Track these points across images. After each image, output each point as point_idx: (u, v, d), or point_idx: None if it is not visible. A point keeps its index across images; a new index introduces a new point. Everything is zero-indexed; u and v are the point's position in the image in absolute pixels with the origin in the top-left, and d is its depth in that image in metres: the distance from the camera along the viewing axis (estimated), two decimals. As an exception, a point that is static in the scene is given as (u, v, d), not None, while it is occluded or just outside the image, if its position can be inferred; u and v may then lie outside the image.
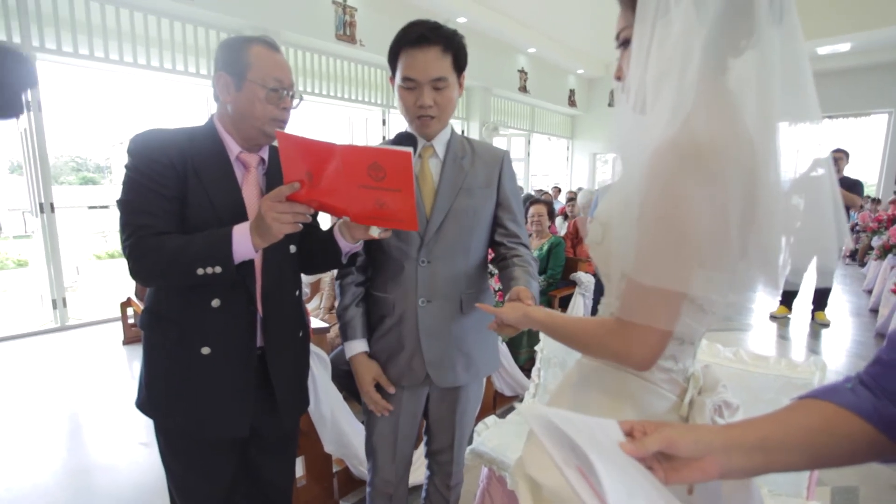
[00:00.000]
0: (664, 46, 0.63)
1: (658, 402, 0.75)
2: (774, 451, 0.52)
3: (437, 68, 1.10)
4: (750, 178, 0.64)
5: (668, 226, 0.63)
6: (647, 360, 0.68)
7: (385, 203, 0.91)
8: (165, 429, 1.12)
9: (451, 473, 1.36)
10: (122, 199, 0.99)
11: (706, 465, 0.50)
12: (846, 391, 0.54)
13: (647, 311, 0.66)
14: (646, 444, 0.50)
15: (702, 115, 0.63)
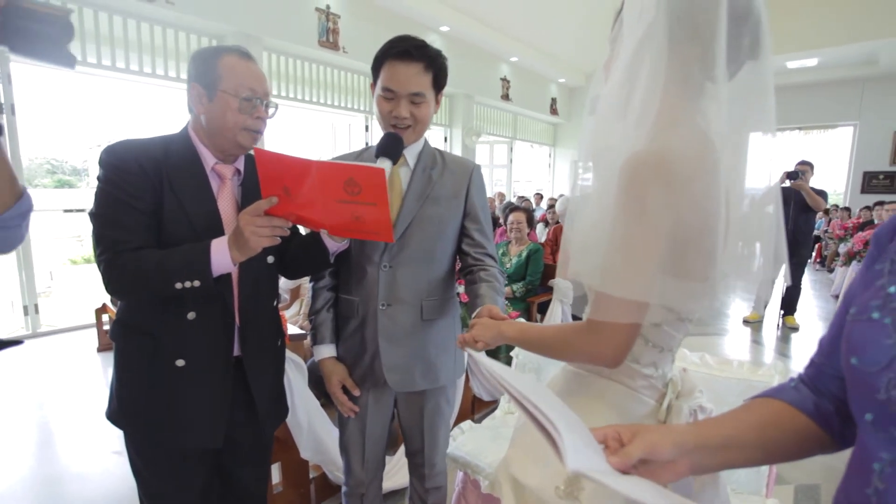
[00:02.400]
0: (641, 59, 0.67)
1: (638, 406, 0.79)
2: (735, 449, 0.56)
3: (417, 84, 1.14)
4: (718, 192, 0.67)
5: (635, 238, 0.67)
6: (617, 358, 0.72)
7: (361, 216, 0.95)
8: (136, 440, 1.11)
9: (425, 476, 1.39)
10: (96, 212, 0.99)
11: (679, 465, 0.54)
12: (790, 389, 0.60)
13: (612, 308, 0.69)
14: (630, 454, 0.52)
15: (674, 132, 0.67)
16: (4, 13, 0.74)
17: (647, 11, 0.66)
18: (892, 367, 0.43)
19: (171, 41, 4.63)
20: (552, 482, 0.74)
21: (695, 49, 0.68)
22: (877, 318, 0.46)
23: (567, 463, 0.46)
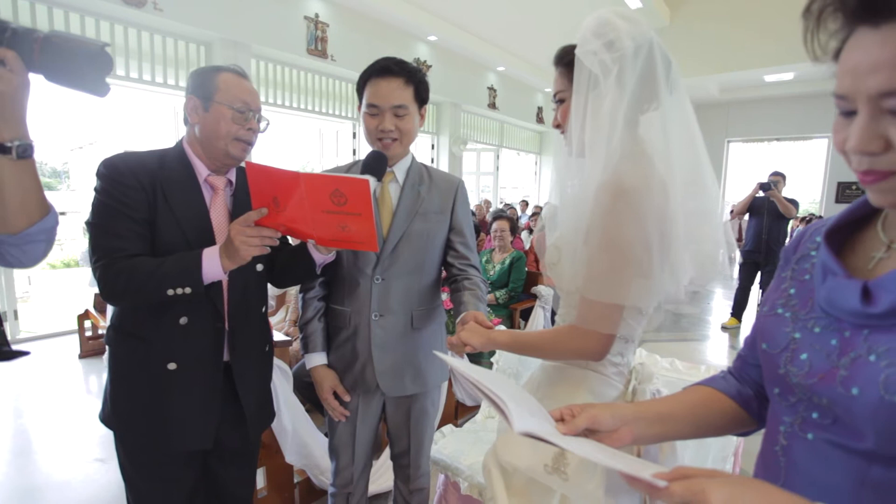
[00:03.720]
0: (597, 112, 0.83)
1: (610, 391, 0.92)
2: (669, 422, 0.67)
3: (399, 97, 1.21)
4: (664, 208, 0.82)
5: (609, 252, 0.81)
6: (601, 353, 0.87)
7: (347, 226, 1.00)
8: (127, 442, 1.15)
9: (410, 477, 1.44)
10: (93, 223, 1.03)
11: (622, 434, 0.63)
12: (720, 379, 0.72)
13: (596, 320, 0.84)
14: (576, 423, 0.63)
15: (627, 162, 0.82)
16: (43, 44, 0.78)
17: (609, 69, 0.82)
18: (788, 348, 0.55)
19: (159, 47, 4.63)
20: (541, 461, 0.83)
21: (644, 91, 0.84)
22: (780, 313, 0.57)
23: (514, 427, 0.56)
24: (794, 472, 0.53)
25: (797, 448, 0.53)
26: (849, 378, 0.47)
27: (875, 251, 0.53)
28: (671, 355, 1.77)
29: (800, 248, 0.61)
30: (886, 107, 0.42)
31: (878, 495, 0.45)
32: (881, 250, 0.52)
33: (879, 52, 0.42)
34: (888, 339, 0.46)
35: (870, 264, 0.53)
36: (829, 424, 0.50)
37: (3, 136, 0.79)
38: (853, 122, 0.45)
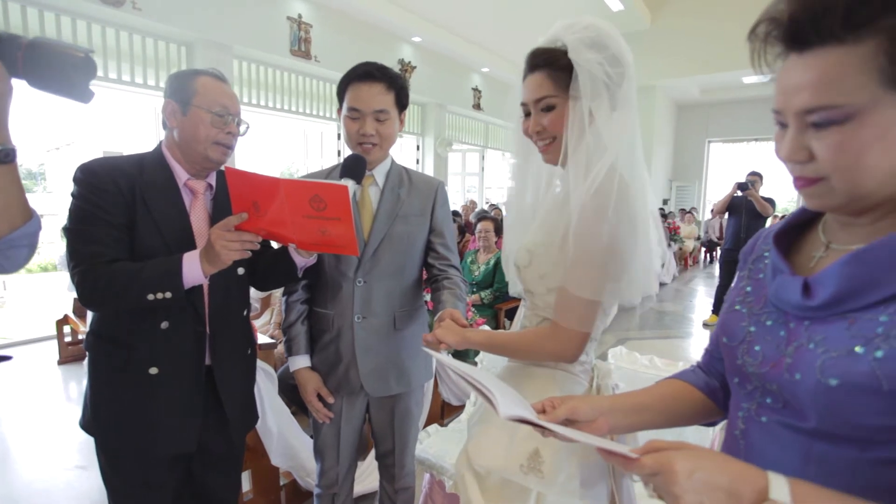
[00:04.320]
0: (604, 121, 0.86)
1: (576, 387, 0.96)
2: (644, 413, 0.73)
3: (380, 101, 1.23)
4: (633, 214, 0.86)
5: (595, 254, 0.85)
6: (576, 355, 0.90)
7: (327, 231, 1.01)
8: (109, 447, 1.14)
9: (395, 476, 1.46)
10: (70, 228, 1.03)
11: (599, 424, 0.68)
12: (690, 372, 0.77)
13: (577, 318, 0.88)
14: (557, 414, 0.67)
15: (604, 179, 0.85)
16: (27, 51, 0.78)
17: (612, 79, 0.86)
18: (744, 340, 0.60)
19: (139, 48, 4.56)
20: (516, 462, 0.85)
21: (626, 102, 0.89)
22: (738, 309, 0.63)
23: (500, 413, 0.61)
24: (751, 453, 0.58)
25: (753, 430, 0.58)
26: (793, 365, 0.52)
27: (816, 251, 0.58)
28: (655, 352, 1.82)
29: (755, 249, 0.66)
30: (809, 121, 0.48)
31: (820, 468, 0.50)
32: (821, 250, 0.58)
33: (803, 75, 0.48)
34: (824, 329, 0.51)
35: (812, 262, 0.58)
36: (780, 408, 0.55)
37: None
38: (786, 134, 0.51)
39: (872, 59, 0.45)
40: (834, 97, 0.47)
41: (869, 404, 0.47)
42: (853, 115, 0.46)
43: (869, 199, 0.50)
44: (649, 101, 10.31)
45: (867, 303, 0.49)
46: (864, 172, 0.48)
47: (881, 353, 0.46)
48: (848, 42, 0.46)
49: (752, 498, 0.46)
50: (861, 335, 0.48)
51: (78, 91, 0.83)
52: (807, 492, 0.46)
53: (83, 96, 0.84)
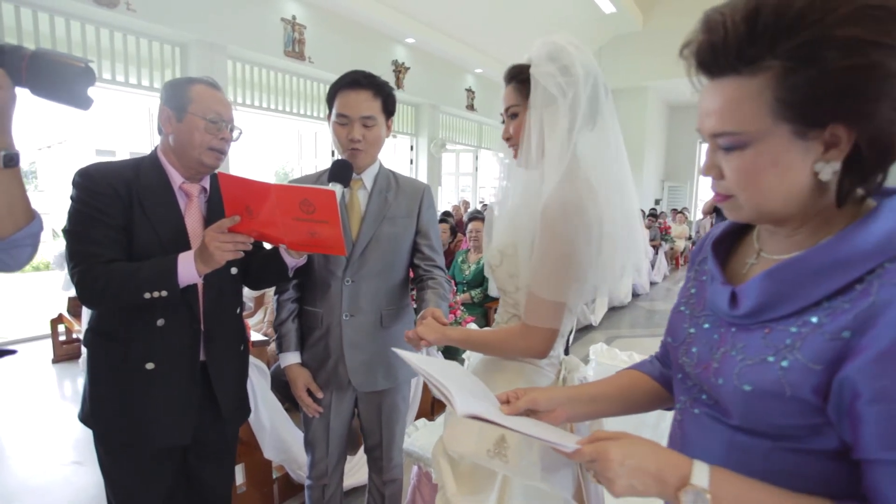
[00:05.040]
0: (552, 129, 0.92)
1: (543, 380, 1.02)
2: (600, 402, 0.78)
3: (368, 108, 1.29)
4: (599, 221, 0.92)
5: (556, 258, 0.91)
6: (546, 351, 0.97)
7: (316, 233, 1.07)
8: (106, 440, 1.19)
9: (383, 469, 1.52)
10: (69, 230, 1.08)
11: (557, 413, 0.73)
12: (647, 363, 0.83)
13: (544, 317, 0.93)
14: (518, 405, 0.72)
15: (571, 179, 0.92)
16: (30, 61, 0.84)
17: (565, 91, 0.91)
18: (685, 342, 0.64)
19: (133, 48, 4.58)
20: (484, 447, 0.91)
21: (590, 113, 0.94)
22: (682, 310, 0.67)
23: (458, 410, 0.63)
24: (686, 440, 0.64)
25: (688, 420, 0.64)
26: (718, 370, 0.57)
27: (749, 257, 0.62)
28: (644, 350, 1.89)
29: (702, 251, 0.70)
30: (718, 143, 0.53)
31: (740, 455, 0.56)
32: (753, 257, 0.61)
33: (712, 101, 0.52)
34: (745, 337, 0.55)
35: (745, 269, 0.61)
36: (712, 404, 0.60)
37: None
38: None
39: (764, 92, 0.48)
40: (734, 124, 0.51)
41: (777, 408, 0.51)
42: (749, 143, 0.50)
43: (775, 216, 0.54)
44: (641, 101, 10.42)
45: (782, 314, 0.52)
46: (763, 195, 0.52)
47: (787, 363, 0.50)
48: (745, 74, 0.49)
49: (675, 482, 0.52)
50: (773, 345, 0.52)
51: (78, 99, 0.89)
52: (724, 478, 0.52)
53: (83, 103, 0.90)
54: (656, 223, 8.48)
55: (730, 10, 0.49)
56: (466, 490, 0.97)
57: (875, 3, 0.44)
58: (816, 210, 0.53)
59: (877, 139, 0.47)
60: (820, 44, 0.45)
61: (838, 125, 0.47)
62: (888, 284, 0.46)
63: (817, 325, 0.50)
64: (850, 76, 0.45)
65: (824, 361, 0.48)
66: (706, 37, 0.51)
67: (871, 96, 0.45)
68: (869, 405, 0.45)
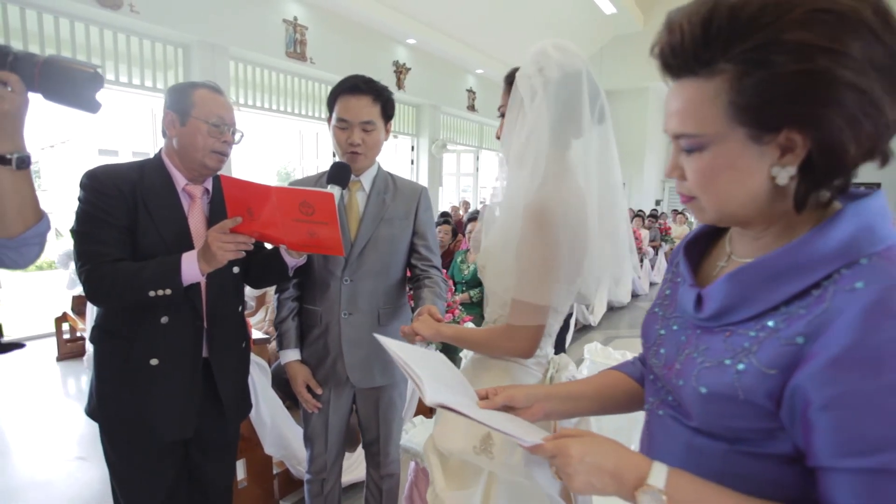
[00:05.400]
0: (521, 130, 0.93)
1: (529, 378, 1.04)
2: (578, 400, 0.78)
3: (367, 113, 1.32)
4: (584, 224, 0.94)
5: (535, 260, 0.92)
6: (530, 351, 0.98)
7: (315, 233, 1.10)
8: (112, 433, 1.23)
9: (381, 464, 1.55)
10: (77, 230, 1.12)
11: (534, 410, 0.73)
12: (630, 364, 0.83)
13: (527, 317, 0.95)
14: (495, 401, 0.73)
15: (552, 182, 0.93)
16: (43, 68, 0.87)
17: (537, 93, 0.92)
18: (655, 343, 0.65)
19: (136, 49, 4.63)
20: (470, 444, 0.94)
21: (569, 117, 0.94)
22: (656, 311, 0.68)
23: (426, 398, 0.65)
24: (651, 442, 0.65)
25: (653, 421, 0.65)
26: (680, 371, 0.57)
27: (720, 260, 0.61)
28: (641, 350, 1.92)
29: (679, 253, 0.67)
30: (680, 145, 0.53)
31: (699, 457, 0.56)
32: (724, 259, 0.61)
33: (674, 102, 0.53)
34: (708, 340, 0.55)
35: (715, 271, 0.61)
36: (676, 405, 0.60)
37: (4, 149, 0.88)
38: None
39: (721, 95, 0.48)
40: (692, 126, 0.51)
41: (731, 411, 0.51)
42: (707, 145, 0.50)
43: (736, 219, 0.54)
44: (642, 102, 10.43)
45: (743, 318, 0.52)
46: (721, 197, 0.52)
47: (742, 367, 0.50)
48: (702, 76, 0.49)
49: (633, 482, 0.53)
50: (731, 348, 0.52)
51: (87, 103, 0.93)
52: (681, 480, 0.52)
53: (92, 107, 0.94)
54: (656, 224, 8.49)
55: (688, 13, 0.49)
56: (454, 485, 1.00)
57: (825, 8, 0.44)
58: (780, 213, 0.53)
59: (827, 147, 0.46)
60: (770, 48, 0.45)
61: (792, 130, 0.47)
62: (841, 291, 0.46)
63: (774, 329, 0.49)
64: (798, 81, 0.44)
65: (778, 367, 0.48)
66: (667, 38, 0.51)
67: (820, 102, 0.45)
68: (819, 413, 0.45)
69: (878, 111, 0.45)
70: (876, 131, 0.46)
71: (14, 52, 0.87)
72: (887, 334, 0.43)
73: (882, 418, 0.43)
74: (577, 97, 0.92)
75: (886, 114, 0.46)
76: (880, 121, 0.46)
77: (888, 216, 0.51)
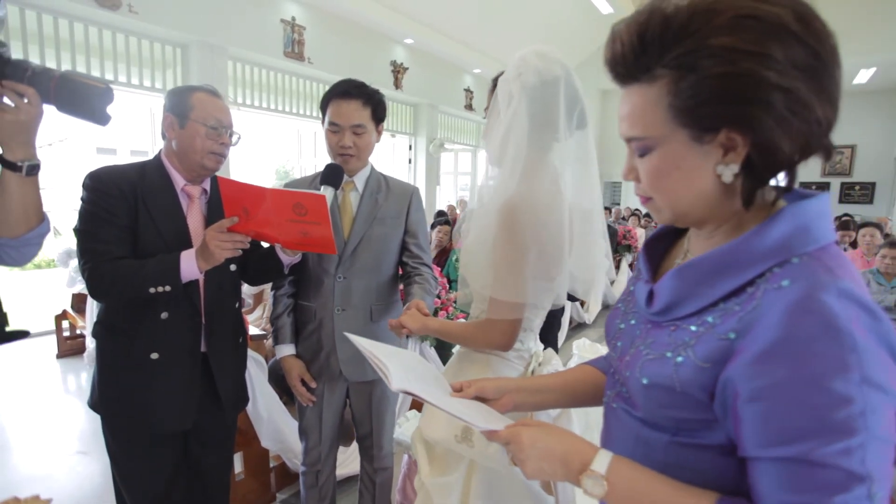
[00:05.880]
0: (497, 132, 0.98)
1: (510, 371, 1.09)
2: (546, 393, 0.81)
3: (358, 117, 1.37)
4: (559, 224, 0.98)
5: (505, 259, 0.96)
6: (507, 345, 1.03)
7: (308, 233, 1.15)
8: (114, 425, 1.27)
9: (374, 457, 1.60)
10: (80, 229, 1.16)
11: (504, 401, 0.76)
12: (602, 359, 0.85)
13: (503, 313, 1.00)
14: (467, 392, 0.76)
15: (526, 183, 0.97)
16: (58, 82, 0.92)
17: (513, 97, 0.96)
18: (615, 336, 0.68)
19: (135, 49, 4.66)
20: (452, 433, 0.99)
21: (545, 121, 0.98)
22: (619, 307, 0.71)
23: (391, 385, 0.68)
24: (607, 433, 0.68)
25: (609, 414, 0.68)
26: (629, 363, 0.60)
27: (679, 257, 0.64)
28: None
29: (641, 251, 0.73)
30: (633, 148, 0.56)
31: (644, 448, 0.59)
32: (682, 257, 0.64)
33: (623, 107, 0.56)
34: (656, 334, 0.58)
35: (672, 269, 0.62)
36: (627, 397, 0.63)
37: (16, 156, 0.93)
38: None
39: (662, 99, 0.51)
40: (639, 130, 0.54)
41: (670, 401, 0.54)
42: (655, 147, 0.53)
43: (691, 218, 0.57)
44: (639, 102, 10.46)
45: (686, 313, 0.55)
46: (671, 196, 0.55)
47: (681, 359, 0.53)
48: (644, 82, 0.52)
49: (578, 467, 0.56)
50: (674, 342, 0.55)
51: (98, 116, 0.97)
52: (622, 467, 0.55)
53: (103, 120, 0.98)
54: (652, 223, 8.55)
55: (627, 24, 0.53)
56: (437, 472, 1.05)
57: (748, 14, 0.46)
58: (730, 212, 0.55)
59: (762, 144, 0.49)
60: (698, 52, 0.48)
61: (731, 130, 0.49)
62: (770, 289, 0.48)
63: (711, 325, 0.52)
64: (726, 83, 0.47)
65: (711, 360, 0.50)
66: (611, 48, 0.55)
67: (748, 102, 0.47)
68: (746, 405, 0.48)
69: (806, 110, 0.48)
70: (808, 129, 0.49)
71: (32, 67, 0.92)
72: (806, 331, 0.45)
73: (800, 410, 0.45)
74: (554, 103, 0.96)
75: (816, 112, 0.48)
76: (811, 118, 0.48)
77: (827, 218, 0.53)
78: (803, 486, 0.45)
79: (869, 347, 0.45)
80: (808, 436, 0.45)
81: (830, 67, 0.49)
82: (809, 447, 0.44)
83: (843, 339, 0.44)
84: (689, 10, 0.48)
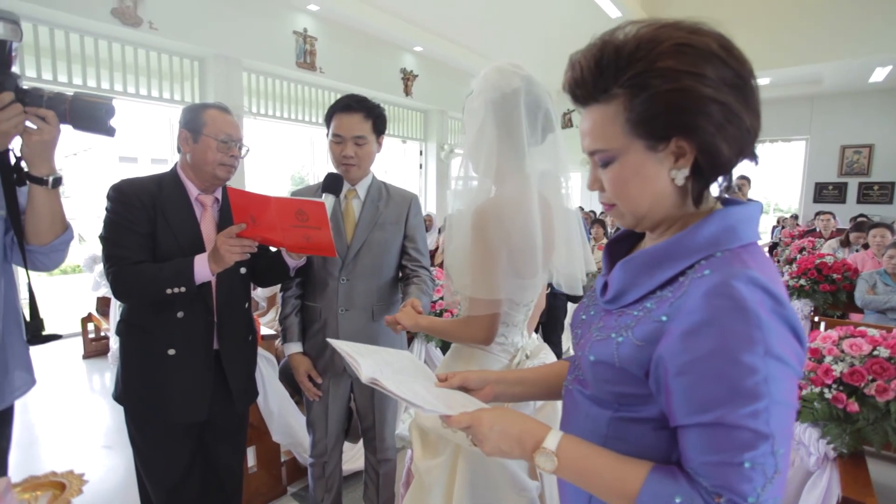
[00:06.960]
0: (469, 144, 1.07)
1: (495, 364, 1.16)
2: (525, 385, 0.87)
3: (359, 129, 1.47)
4: (536, 222, 1.04)
5: (476, 260, 1.04)
6: (488, 339, 1.10)
7: (310, 237, 1.25)
8: (135, 415, 1.39)
9: (377, 449, 1.69)
10: (105, 237, 1.29)
11: (485, 391, 0.83)
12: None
13: (481, 309, 1.08)
14: (451, 382, 0.82)
15: (497, 188, 1.06)
16: (72, 104, 1.05)
17: (478, 113, 1.05)
18: (578, 325, 0.75)
19: (154, 63, 4.87)
20: (440, 420, 1.06)
21: (511, 131, 1.05)
22: (584, 300, 0.78)
23: (362, 376, 0.73)
24: (565, 415, 0.75)
25: (566, 396, 0.75)
26: (581, 344, 0.68)
27: None
28: None
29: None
30: (596, 160, 0.63)
31: (592, 424, 0.66)
32: None
33: (585, 125, 0.63)
34: (607, 319, 0.65)
35: None
36: (582, 379, 0.70)
37: (42, 172, 1.06)
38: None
39: (619, 115, 0.58)
40: (601, 143, 0.61)
41: (611, 376, 0.62)
42: (615, 157, 0.60)
43: (650, 220, 0.64)
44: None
45: (631, 300, 0.62)
46: (633, 201, 0.62)
47: (622, 339, 0.60)
48: (602, 102, 0.60)
49: (531, 446, 0.63)
50: (619, 325, 0.62)
51: (106, 129, 1.09)
52: (570, 444, 0.62)
53: (110, 132, 1.10)
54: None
55: (584, 53, 0.61)
56: (429, 456, 1.13)
57: (684, 42, 0.55)
58: (682, 213, 0.63)
59: (706, 149, 0.57)
60: (648, 73, 0.56)
61: (680, 138, 0.57)
62: (696, 278, 0.56)
63: (649, 310, 0.59)
64: (672, 97, 0.55)
65: (646, 340, 0.58)
66: (570, 74, 0.62)
67: (691, 113, 0.55)
68: (674, 378, 0.54)
69: (738, 119, 0.57)
70: (740, 136, 0.58)
71: (47, 93, 1.04)
72: (719, 312, 0.52)
73: (717, 380, 0.52)
74: (517, 114, 1.03)
75: (745, 121, 0.57)
76: (742, 126, 0.57)
77: (753, 222, 0.62)
78: (720, 446, 0.52)
79: (772, 326, 0.52)
80: (723, 402, 0.51)
81: (750, 85, 0.58)
82: (724, 412, 0.51)
83: (749, 317, 0.51)
84: (636, 39, 0.57)
